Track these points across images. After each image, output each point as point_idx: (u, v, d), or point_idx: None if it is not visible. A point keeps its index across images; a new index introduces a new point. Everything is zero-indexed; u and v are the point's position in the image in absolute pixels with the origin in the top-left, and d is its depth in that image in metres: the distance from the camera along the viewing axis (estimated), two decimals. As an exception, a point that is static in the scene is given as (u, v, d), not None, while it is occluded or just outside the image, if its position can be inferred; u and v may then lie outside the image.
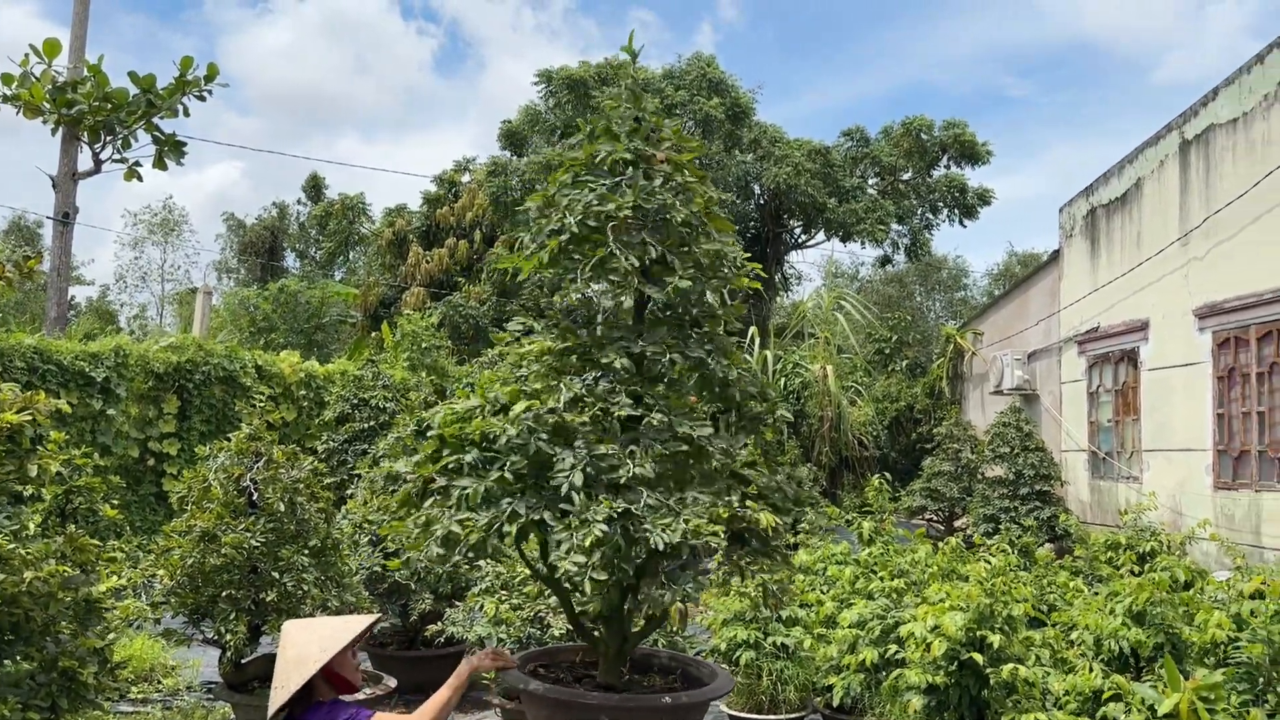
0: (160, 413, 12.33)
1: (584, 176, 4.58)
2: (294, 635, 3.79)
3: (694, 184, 4.66)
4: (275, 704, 3.68)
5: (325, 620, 3.94)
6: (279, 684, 3.68)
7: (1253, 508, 11.48)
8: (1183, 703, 3.13)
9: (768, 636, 7.21)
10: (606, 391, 4.23)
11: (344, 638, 3.76)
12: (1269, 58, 11.52)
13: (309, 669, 3.66)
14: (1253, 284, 11.56)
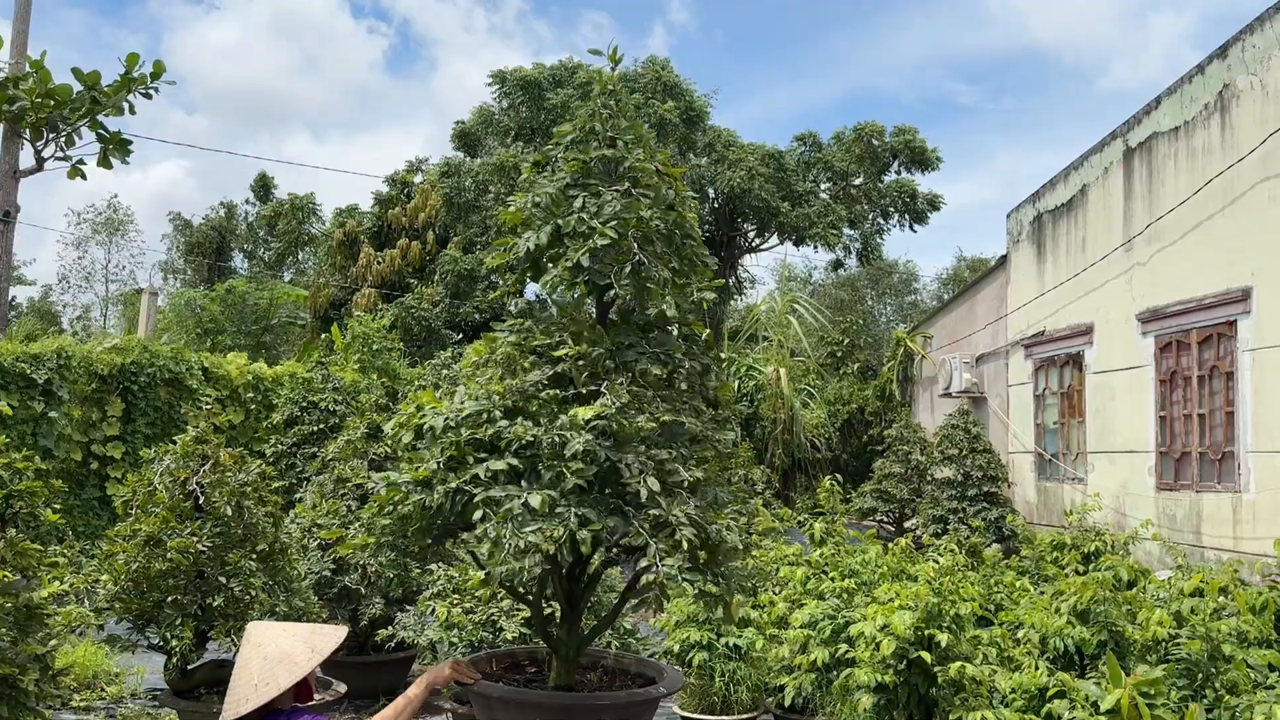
0: (104, 415, 12.09)
1: (589, 182, 4.56)
2: (266, 634, 3.73)
3: (687, 198, 4.71)
4: (259, 700, 3.62)
5: (296, 625, 3.88)
6: (261, 680, 3.62)
7: (1193, 508, 11.74)
8: (1124, 698, 3.20)
9: (720, 638, 7.24)
10: (637, 397, 4.19)
11: (331, 644, 3.72)
12: (1209, 68, 11.79)
13: (300, 669, 3.62)
14: (1194, 289, 11.82)
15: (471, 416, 4.12)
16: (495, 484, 3.95)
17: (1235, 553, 10.89)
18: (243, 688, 3.68)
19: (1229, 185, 11.28)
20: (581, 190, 4.53)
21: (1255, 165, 10.85)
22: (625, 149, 4.63)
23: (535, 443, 3.97)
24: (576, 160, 4.62)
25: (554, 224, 4.48)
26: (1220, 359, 11.48)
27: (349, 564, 7.70)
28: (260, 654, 3.72)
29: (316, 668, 3.99)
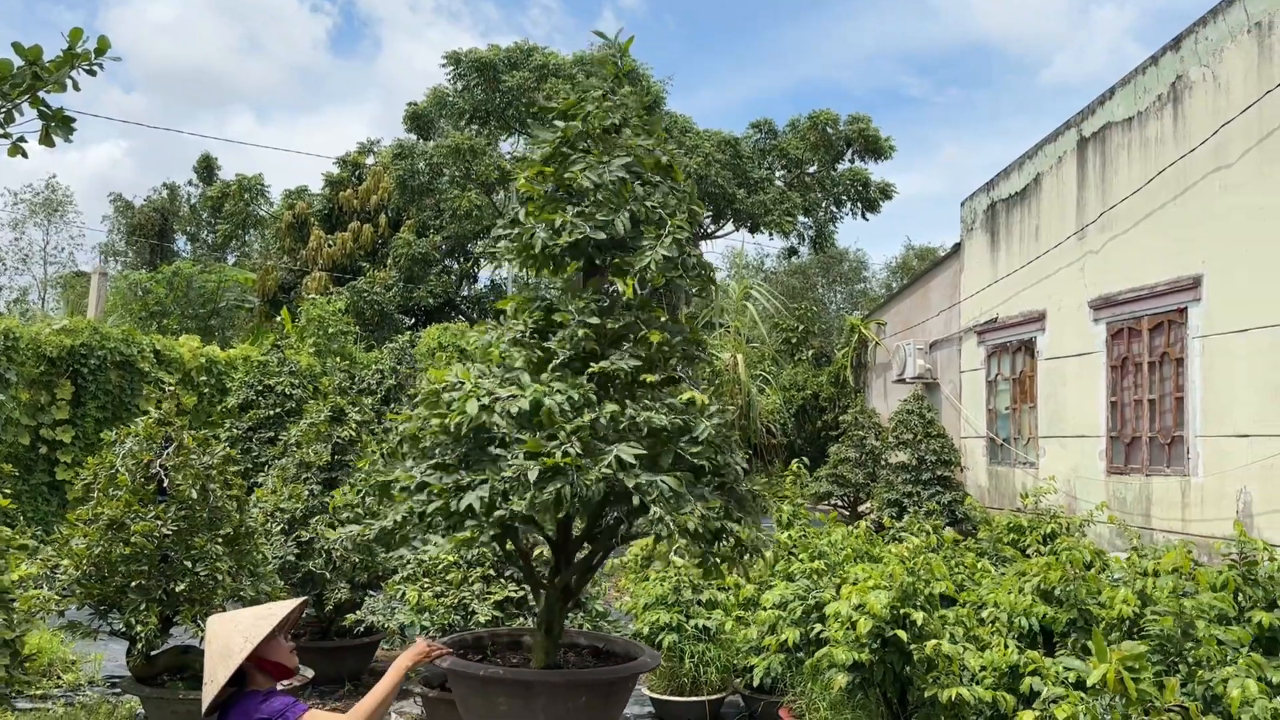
0: (53, 399, 11.78)
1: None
2: (216, 629, 3.67)
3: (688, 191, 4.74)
4: (205, 699, 3.56)
5: (247, 610, 3.82)
6: (207, 679, 3.57)
7: (1143, 491, 12.00)
8: (1110, 673, 3.25)
9: (689, 619, 7.26)
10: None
11: (266, 625, 3.66)
12: (1162, 59, 12.01)
13: (234, 660, 3.55)
14: (1145, 277, 12.05)
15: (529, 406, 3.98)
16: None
17: (1184, 534, 11.16)
18: (204, 685, 3.64)
19: (1181, 175, 11.51)
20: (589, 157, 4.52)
21: (1207, 155, 11.08)
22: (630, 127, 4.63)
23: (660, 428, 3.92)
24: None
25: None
26: (1171, 345, 11.72)
27: (313, 549, 7.60)
28: (209, 651, 3.68)
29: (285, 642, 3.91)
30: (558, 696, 4.12)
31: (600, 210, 4.28)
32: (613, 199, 4.36)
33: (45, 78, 12.20)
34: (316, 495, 7.82)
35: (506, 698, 4.05)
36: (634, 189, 4.44)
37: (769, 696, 7.05)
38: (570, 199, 4.37)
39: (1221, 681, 3.92)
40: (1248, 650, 4.32)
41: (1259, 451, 10.29)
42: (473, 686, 4.18)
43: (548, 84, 23.03)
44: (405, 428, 3.98)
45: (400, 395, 12.77)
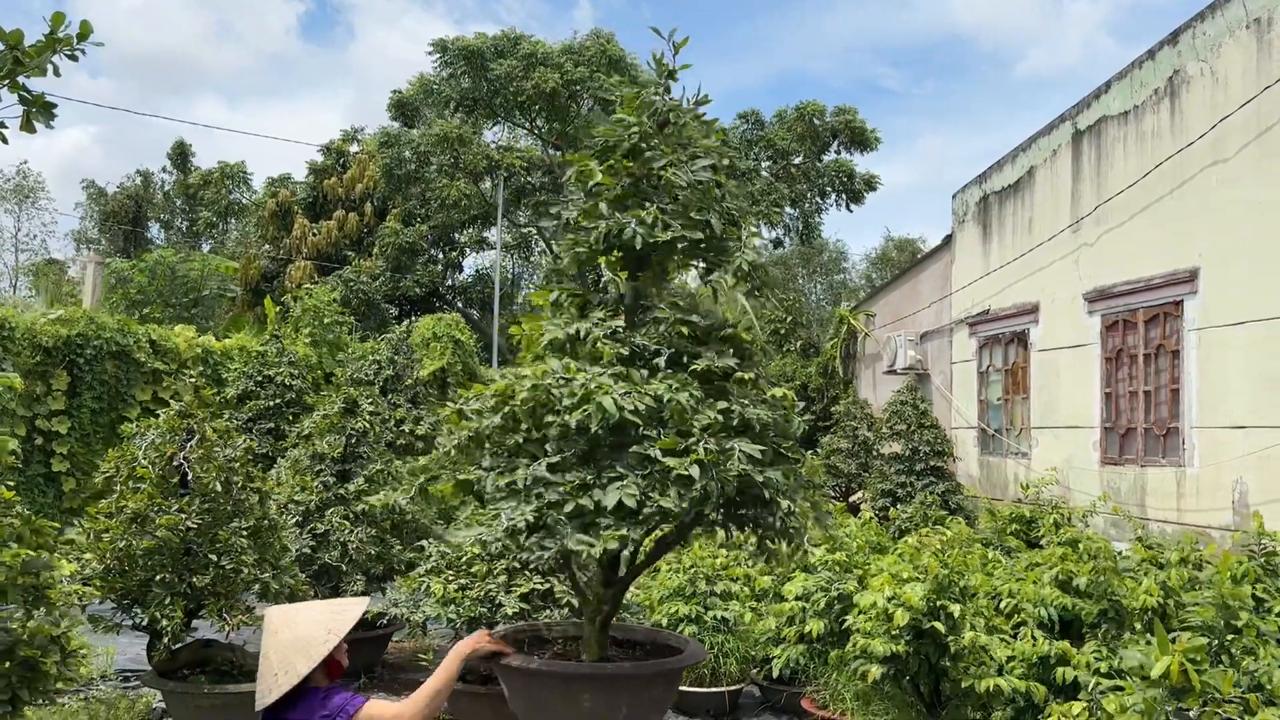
0: (49, 389, 11.65)
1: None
2: (286, 620, 3.66)
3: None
4: (276, 691, 3.55)
5: (316, 604, 3.81)
6: (280, 669, 3.55)
7: (1138, 482, 12.14)
8: (1174, 665, 3.30)
9: (708, 611, 7.29)
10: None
11: (348, 621, 3.67)
12: (1160, 54, 12.11)
13: (318, 653, 3.55)
14: (1141, 269, 12.17)
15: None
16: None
17: (1179, 525, 11.31)
18: (266, 677, 3.62)
19: (1178, 169, 11.62)
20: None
21: (1204, 150, 11.19)
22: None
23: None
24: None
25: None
26: (1166, 338, 11.85)
27: (329, 541, 7.57)
28: (278, 641, 3.66)
29: (344, 643, 3.92)
30: (636, 689, 4.14)
31: (690, 209, 4.29)
32: (701, 199, 4.36)
33: (26, 62, 12.02)
34: (331, 487, 7.78)
35: (590, 694, 4.05)
36: (713, 189, 4.45)
37: (788, 687, 7.10)
38: (645, 196, 4.37)
39: (1266, 671, 3.98)
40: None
41: (1255, 442, 10.43)
42: (526, 680, 4.18)
43: (536, 73, 22.94)
44: (488, 423, 3.94)
45: (398, 386, 12.71)
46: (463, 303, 28.41)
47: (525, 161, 25.44)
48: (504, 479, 3.86)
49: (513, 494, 3.84)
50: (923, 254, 20.02)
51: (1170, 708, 3.43)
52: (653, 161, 4.36)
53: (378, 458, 8.01)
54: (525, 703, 4.24)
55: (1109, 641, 5.35)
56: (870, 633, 5.40)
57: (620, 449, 3.87)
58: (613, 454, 3.88)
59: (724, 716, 7.33)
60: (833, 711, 6.58)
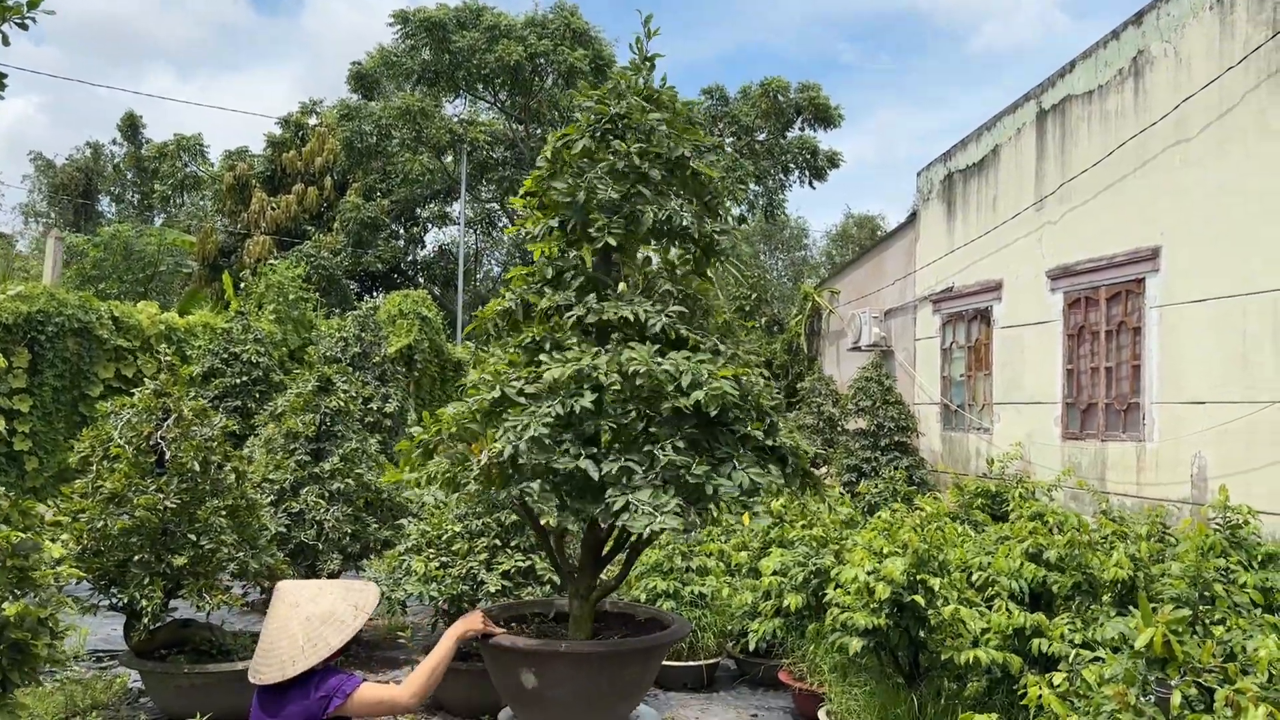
0: (9, 367, 11.43)
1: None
2: (307, 593, 3.69)
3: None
4: (308, 663, 3.58)
5: (329, 583, 3.83)
6: (308, 642, 3.57)
7: (1098, 456, 12.38)
8: (1157, 636, 3.40)
9: (685, 586, 7.36)
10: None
11: (372, 600, 3.72)
12: (1124, 34, 12.26)
13: (349, 628, 3.62)
14: (1104, 247, 12.36)
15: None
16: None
17: (1139, 498, 11.57)
18: (286, 649, 3.62)
19: (1141, 149, 11.79)
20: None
21: (1167, 130, 11.37)
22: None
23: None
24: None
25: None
26: (1128, 315, 12.06)
27: (305, 520, 7.53)
28: (301, 614, 3.67)
29: None
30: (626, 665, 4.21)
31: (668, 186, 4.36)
32: (680, 178, 4.43)
33: None
34: (305, 466, 7.74)
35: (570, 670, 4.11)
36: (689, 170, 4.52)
37: (765, 660, 7.20)
38: (621, 174, 4.46)
39: (1240, 642, 4.11)
40: (1259, 610, 4.54)
41: (1214, 417, 10.68)
42: (516, 660, 4.21)
43: (499, 45, 22.74)
44: (580, 405, 3.97)
45: (365, 364, 12.62)
46: (425, 278, 28.18)
47: (488, 135, 25.23)
48: (634, 462, 3.87)
49: (649, 478, 3.86)
50: (886, 232, 20.18)
51: (1153, 677, 3.53)
52: (638, 142, 4.40)
53: (353, 436, 7.96)
54: (515, 682, 4.27)
55: (1082, 613, 5.48)
56: (850, 606, 5.49)
57: (714, 428, 4.03)
58: (712, 434, 4.04)
59: (702, 689, 7.42)
60: (810, 683, 6.69)
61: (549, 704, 4.22)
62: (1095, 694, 3.80)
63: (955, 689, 5.65)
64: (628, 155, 4.48)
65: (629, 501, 3.74)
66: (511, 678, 4.28)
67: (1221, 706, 3.31)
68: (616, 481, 3.79)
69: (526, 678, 4.20)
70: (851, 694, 6.02)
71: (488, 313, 4.68)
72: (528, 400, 3.97)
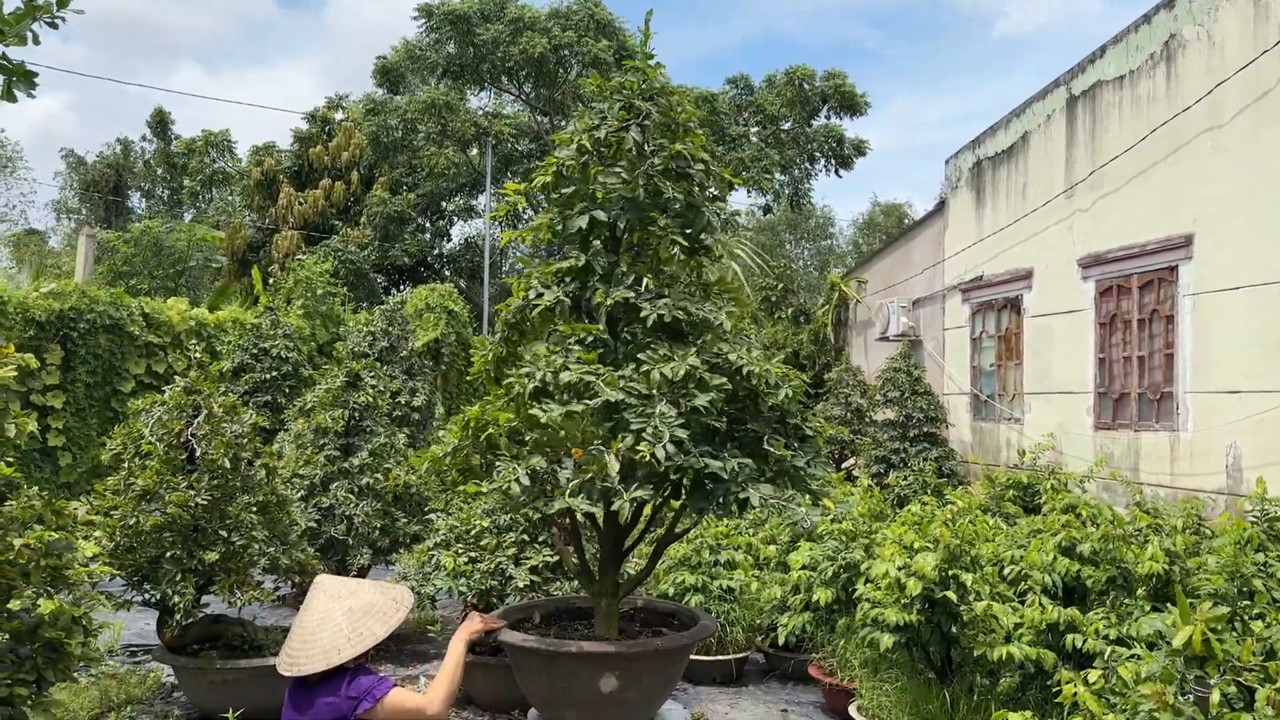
0: (43, 364, 11.55)
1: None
2: (347, 588, 3.73)
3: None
4: (354, 652, 3.61)
5: (364, 581, 3.86)
6: (354, 633, 3.61)
7: (1131, 446, 12.23)
8: (1196, 634, 3.34)
9: (714, 580, 7.34)
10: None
11: (410, 599, 3.78)
12: (1156, 18, 12.07)
13: (392, 619, 3.68)
14: (1136, 235, 12.20)
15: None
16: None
17: (1172, 488, 11.43)
18: (329, 638, 3.64)
19: (1173, 134, 11.62)
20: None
21: (1200, 115, 11.19)
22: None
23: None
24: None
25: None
26: (1161, 303, 11.90)
27: (335, 515, 7.57)
28: (344, 606, 3.70)
29: None
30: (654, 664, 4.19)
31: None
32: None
33: (5, 30, 11.91)
34: (335, 461, 7.77)
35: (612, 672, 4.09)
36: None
37: (794, 654, 7.16)
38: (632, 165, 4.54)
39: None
40: (1299, 607, 4.45)
41: (1249, 407, 10.52)
42: (543, 660, 4.20)
43: (524, 37, 22.71)
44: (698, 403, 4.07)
45: (392, 358, 12.67)
46: (451, 272, 28.26)
47: (513, 128, 25.24)
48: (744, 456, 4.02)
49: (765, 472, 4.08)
50: (913, 220, 20.02)
51: (1191, 675, 3.47)
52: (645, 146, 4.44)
53: (381, 431, 7.99)
54: (544, 682, 4.26)
55: (1117, 608, 5.41)
56: (881, 602, 5.44)
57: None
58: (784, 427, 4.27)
59: (731, 683, 7.40)
60: (840, 678, 6.65)
61: (576, 705, 4.21)
62: (1132, 692, 3.75)
63: (988, 685, 5.60)
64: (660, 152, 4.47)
65: (751, 496, 3.90)
66: (537, 679, 4.28)
67: (1263, 705, 3.25)
68: (734, 478, 3.88)
69: (553, 678, 4.19)
70: (882, 689, 5.98)
71: (514, 310, 4.63)
72: (639, 401, 3.94)
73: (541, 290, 4.46)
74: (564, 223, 4.49)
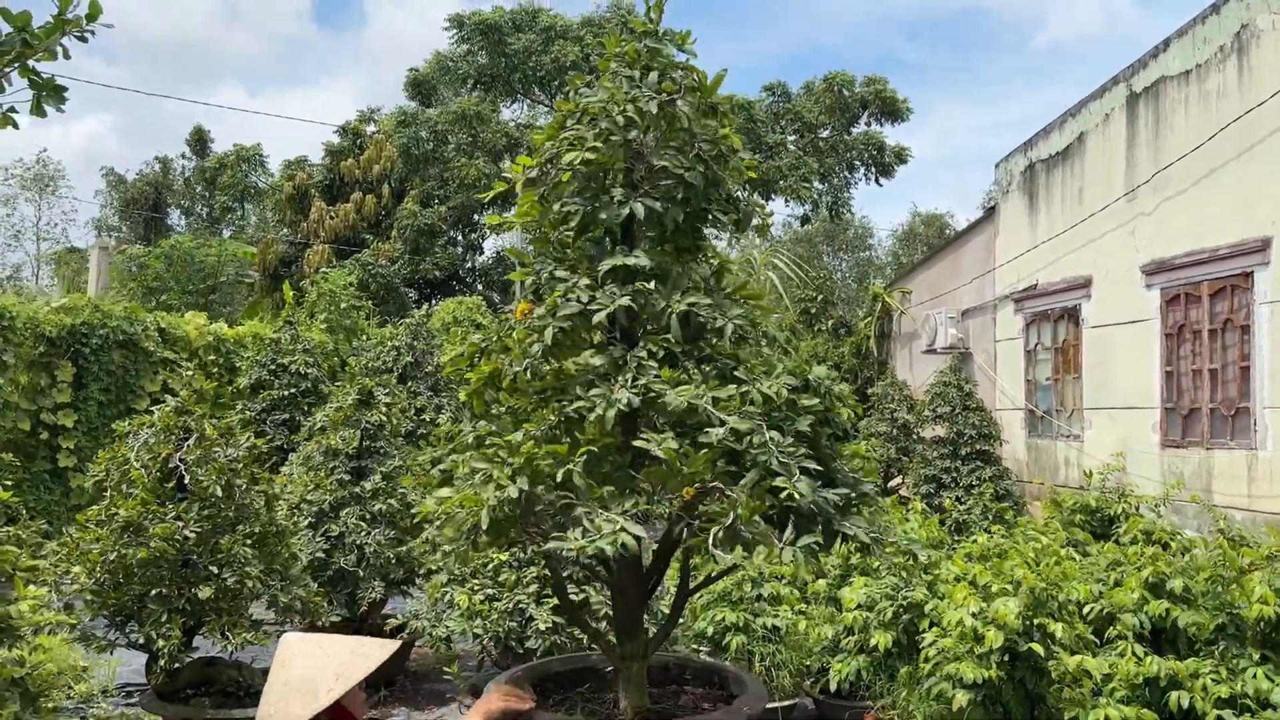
0: (54, 381, 11.09)
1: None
2: (299, 650, 3.08)
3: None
4: None
5: (335, 639, 3.21)
6: (273, 711, 2.96)
7: (1203, 466, 11.40)
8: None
9: (757, 617, 6.66)
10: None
11: (364, 667, 3.06)
12: (1225, 8, 11.29)
13: (321, 701, 2.96)
14: (1205, 239, 11.41)
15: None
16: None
17: (1250, 511, 10.58)
18: (262, 713, 3.04)
19: (1246, 131, 10.83)
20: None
21: (1276, 109, 10.40)
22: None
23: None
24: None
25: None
26: (1234, 312, 11.10)
27: (344, 544, 6.98)
28: (282, 677, 3.08)
29: (361, 690, 3.34)
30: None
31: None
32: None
33: (35, 45, 11.21)
34: (346, 485, 7.19)
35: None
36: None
37: (848, 703, 6.45)
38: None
39: None
40: None
41: (1338, 424, 9.70)
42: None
43: (555, 46, 22.23)
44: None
45: (417, 373, 12.13)
46: (483, 285, 27.78)
47: (546, 139, 24.68)
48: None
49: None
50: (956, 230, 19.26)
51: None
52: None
53: (396, 452, 7.40)
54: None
55: (1227, 660, 4.69)
56: (954, 652, 4.75)
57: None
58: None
59: (776, 732, 6.72)
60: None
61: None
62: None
63: (1075, 747, 4.89)
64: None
65: (858, 533, 3.50)
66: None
67: None
68: (836, 509, 3.46)
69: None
70: (952, 748, 5.28)
71: (559, 317, 3.89)
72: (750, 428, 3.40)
73: (591, 294, 3.74)
74: (594, 211, 3.86)
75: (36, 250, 48.10)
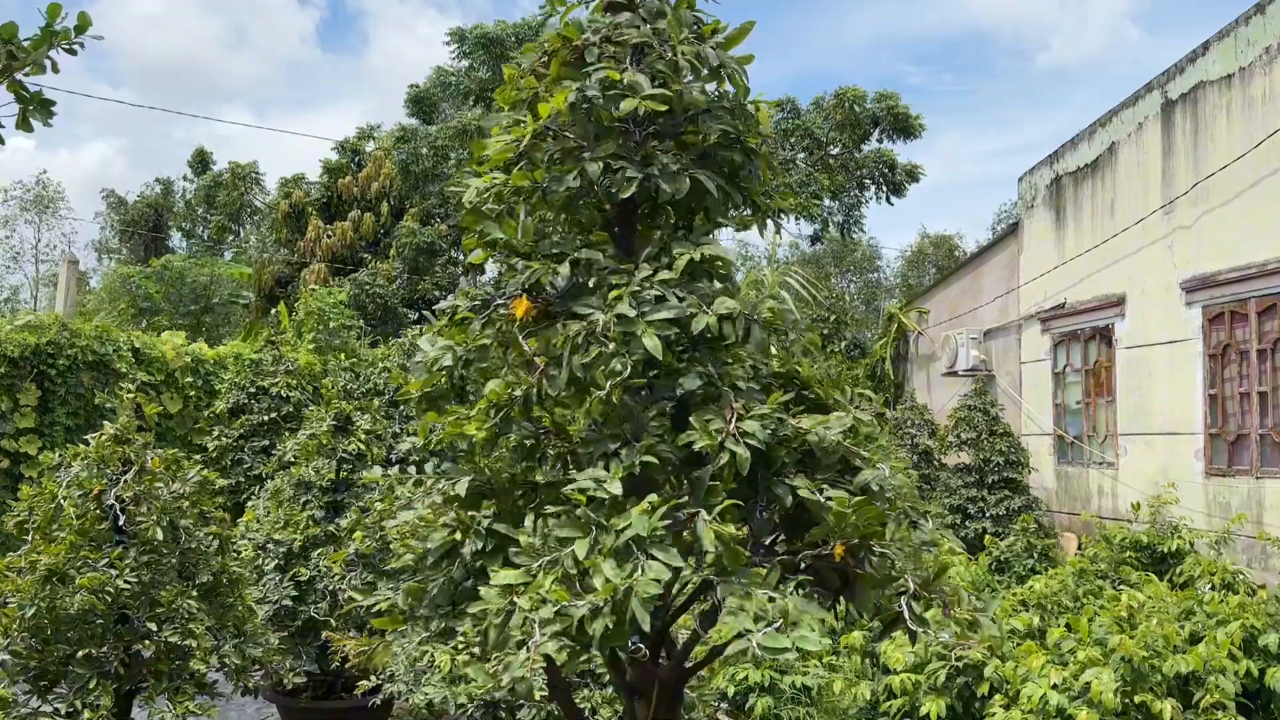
0: (15, 405, 10.30)
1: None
2: None
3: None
4: None
5: None
6: None
7: (1253, 496, 10.59)
8: None
9: (784, 675, 5.85)
10: None
11: None
12: (1270, 8, 10.58)
13: None
14: (1252, 254, 10.64)
15: None
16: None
17: (1309, 547, 9.76)
18: None
19: (1298, 137, 10.09)
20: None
21: (1334, 112, 9.66)
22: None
23: None
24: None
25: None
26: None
27: (314, 589, 6.18)
28: None
29: None
30: None
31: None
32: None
33: (21, 58, 10.22)
34: (319, 522, 6.40)
35: None
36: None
37: (889, 775, 5.63)
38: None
39: None
40: None
41: None
42: None
43: (559, 60, 21.52)
44: None
45: (410, 396, 11.34)
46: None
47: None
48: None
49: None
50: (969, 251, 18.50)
51: None
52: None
53: (376, 486, 6.61)
54: None
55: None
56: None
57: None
58: None
59: (806, 807, 5.90)
60: (953, 813, 5.13)
61: None
62: None
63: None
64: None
65: None
66: None
67: None
68: None
69: None
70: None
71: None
72: None
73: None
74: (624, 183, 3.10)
75: (35, 272, 47.52)
